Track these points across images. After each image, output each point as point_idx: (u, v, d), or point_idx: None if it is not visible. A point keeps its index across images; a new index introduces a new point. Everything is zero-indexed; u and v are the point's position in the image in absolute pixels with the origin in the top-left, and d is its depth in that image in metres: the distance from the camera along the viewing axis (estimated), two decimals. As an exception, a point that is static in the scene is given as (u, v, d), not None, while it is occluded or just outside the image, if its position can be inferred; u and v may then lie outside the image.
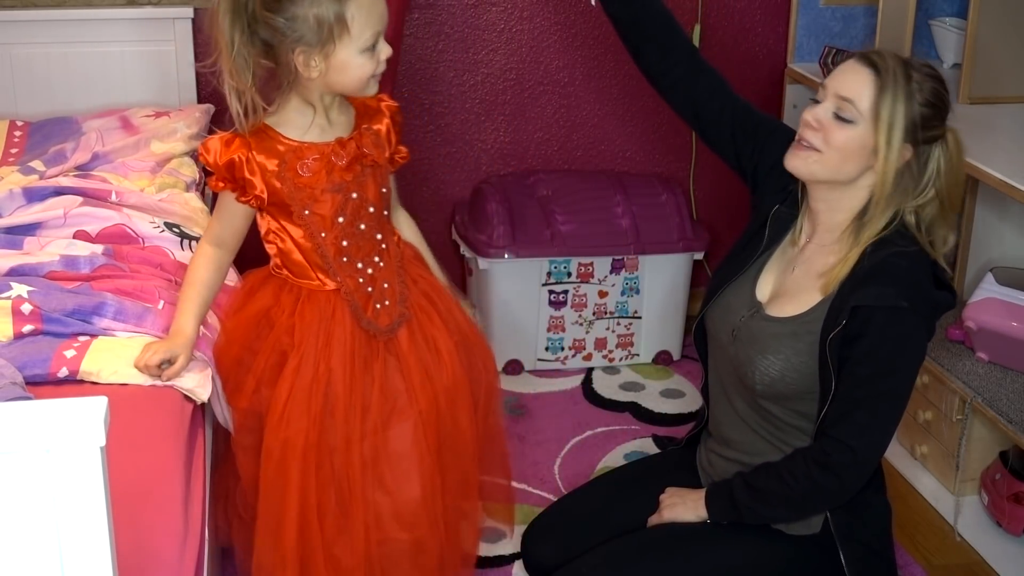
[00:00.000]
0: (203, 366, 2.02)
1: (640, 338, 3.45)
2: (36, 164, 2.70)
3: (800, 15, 3.45)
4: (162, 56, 3.17)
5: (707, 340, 2.23)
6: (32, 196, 2.50)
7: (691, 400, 3.27)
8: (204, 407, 2.07)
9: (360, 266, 2.05)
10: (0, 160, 2.83)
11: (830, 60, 3.08)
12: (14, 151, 2.89)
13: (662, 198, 3.38)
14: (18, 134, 2.99)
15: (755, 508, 2.05)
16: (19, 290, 2.10)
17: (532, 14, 3.44)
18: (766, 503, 2.04)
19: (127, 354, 1.99)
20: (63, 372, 1.95)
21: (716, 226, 3.60)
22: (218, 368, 2.05)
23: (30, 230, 2.42)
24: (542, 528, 2.29)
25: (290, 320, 2.03)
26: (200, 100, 3.19)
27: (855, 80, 1.98)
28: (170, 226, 2.49)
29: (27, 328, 2.03)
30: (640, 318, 3.42)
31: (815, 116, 2.01)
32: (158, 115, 3.03)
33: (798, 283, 2.08)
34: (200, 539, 1.78)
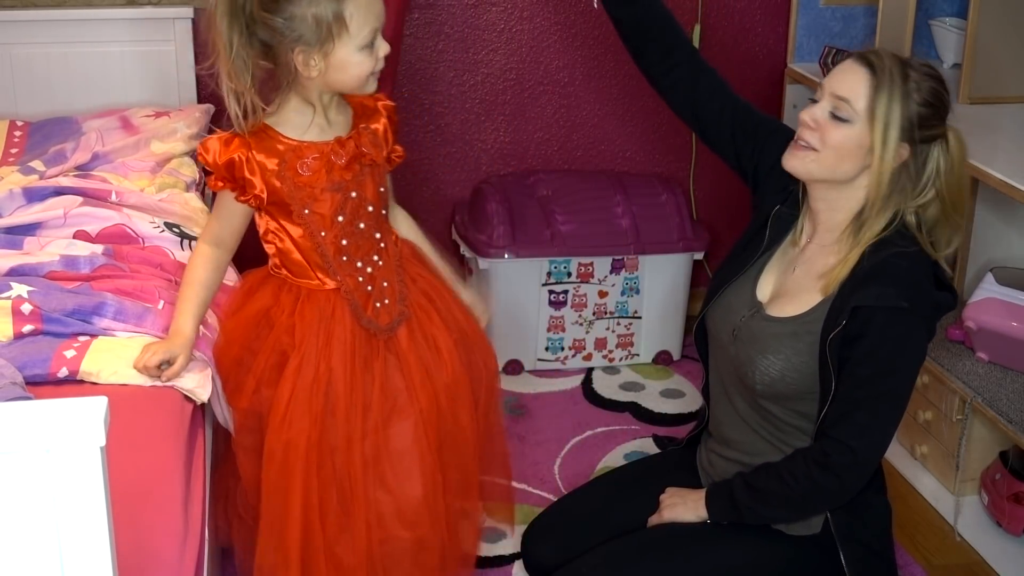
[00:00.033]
0: (203, 366, 2.02)
1: (640, 338, 3.44)
2: (36, 164, 2.70)
3: (800, 15, 3.45)
4: (162, 56, 3.17)
5: (708, 340, 2.23)
6: (32, 196, 2.50)
7: (691, 400, 3.27)
8: (204, 407, 2.07)
9: (360, 265, 2.05)
10: (0, 160, 2.83)
11: (830, 60, 3.08)
12: (14, 151, 2.89)
13: (662, 198, 3.38)
14: (18, 134, 2.99)
15: (755, 508, 2.05)
16: (19, 290, 2.10)
17: (532, 14, 3.44)
18: (766, 503, 2.04)
19: (127, 354, 1.99)
20: (63, 372, 1.95)
21: (716, 226, 3.60)
22: (218, 368, 2.05)
23: (30, 230, 2.42)
24: (542, 528, 2.29)
25: (290, 320, 2.03)
26: (200, 100, 3.19)
27: (851, 79, 1.98)
28: (170, 226, 2.49)
29: (27, 328, 2.03)
30: (640, 318, 3.42)
31: (812, 116, 2.01)
32: (158, 115, 3.03)
33: (799, 283, 2.08)
34: (200, 539, 1.77)
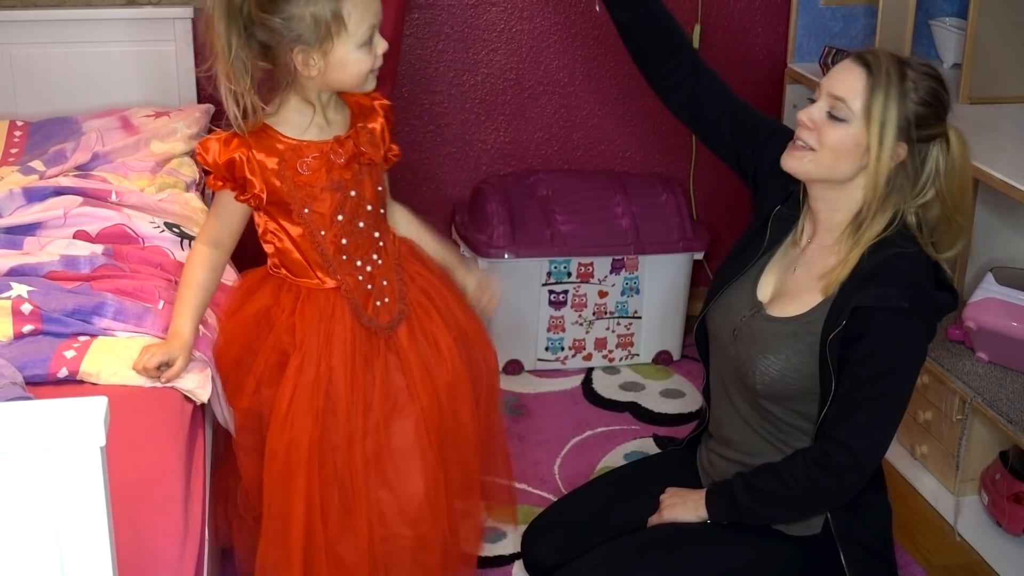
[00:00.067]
0: (203, 366, 2.02)
1: (640, 338, 3.44)
2: (36, 164, 2.70)
3: (800, 15, 3.45)
4: (162, 56, 3.17)
5: (708, 340, 2.23)
6: (32, 196, 2.50)
7: (691, 400, 3.27)
8: (204, 407, 2.07)
9: (359, 264, 2.05)
10: (0, 160, 2.83)
11: (830, 60, 3.08)
12: (14, 151, 2.89)
13: (662, 198, 3.37)
14: (18, 134, 2.99)
15: (755, 508, 2.05)
16: (19, 290, 2.10)
17: (532, 14, 3.44)
18: (766, 504, 2.04)
19: (127, 355, 1.99)
20: (63, 372, 1.95)
21: (716, 226, 3.60)
22: (218, 368, 2.05)
23: (30, 230, 2.42)
24: (542, 528, 2.29)
25: (290, 319, 2.03)
26: (200, 100, 3.19)
27: (848, 79, 1.98)
28: (170, 226, 2.49)
29: (27, 328, 2.03)
30: (640, 318, 3.42)
31: (809, 115, 2.02)
32: (158, 115, 3.03)
33: (799, 283, 2.08)
34: (200, 539, 1.77)
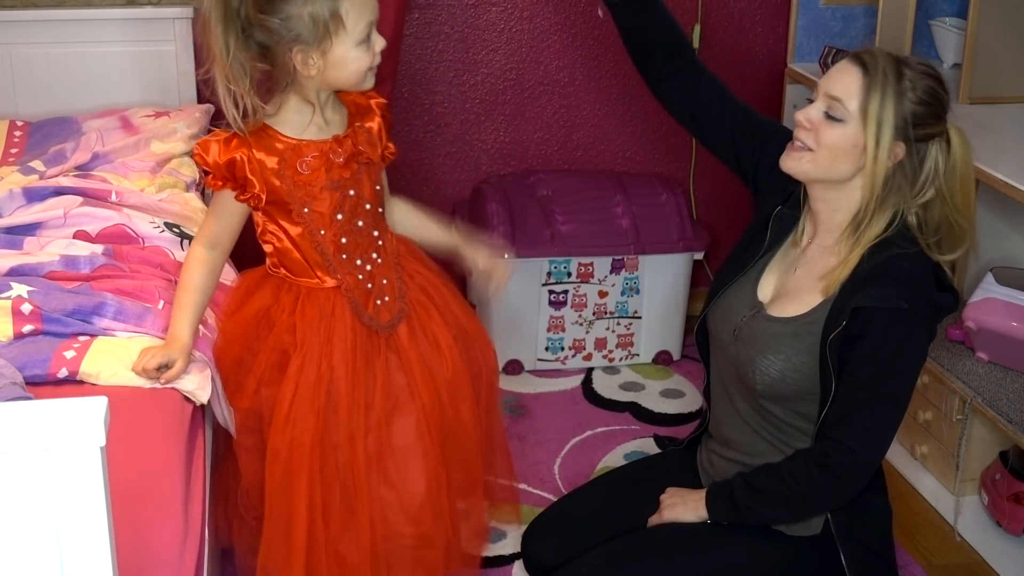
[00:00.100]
0: (202, 367, 2.02)
1: (640, 338, 3.44)
2: (36, 164, 2.70)
3: (800, 15, 3.45)
4: (162, 56, 3.17)
5: (709, 340, 2.23)
6: (32, 196, 2.50)
7: (691, 400, 3.27)
8: (204, 407, 2.06)
9: (359, 263, 2.05)
10: (0, 160, 2.83)
11: (830, 60, 3.08)
12: (14, 151, 2.89)
13: (662, 198, 3.37)
14: (18, 134, 2.99)
15: (755, 509, 2.05)
16: (19, 290, 2.10)
17: (532, 14, 3.44)
18: (766, 504, 2.04)
19: (126, 356, 1.99)
20: (63, 373, 1.95)
21: (716, 226, 3.60)
22: (218, 368, 2.05)
23: (30, 230, 2.42)
24: (542, 528, 2.29)
25: (291, 319, 2.03)
26: (200, 100, 3.19)
27: (844, 79, 1.98)
28: (170, 226, 2.49)
29: (27, 328, 2.03)
30: (640, 318, 3.42)
31: (807, 116, 2.02)
32: (158, 115, 3.03)
33: (800, 284, 2.08)
34: (200, 539, 1.77)
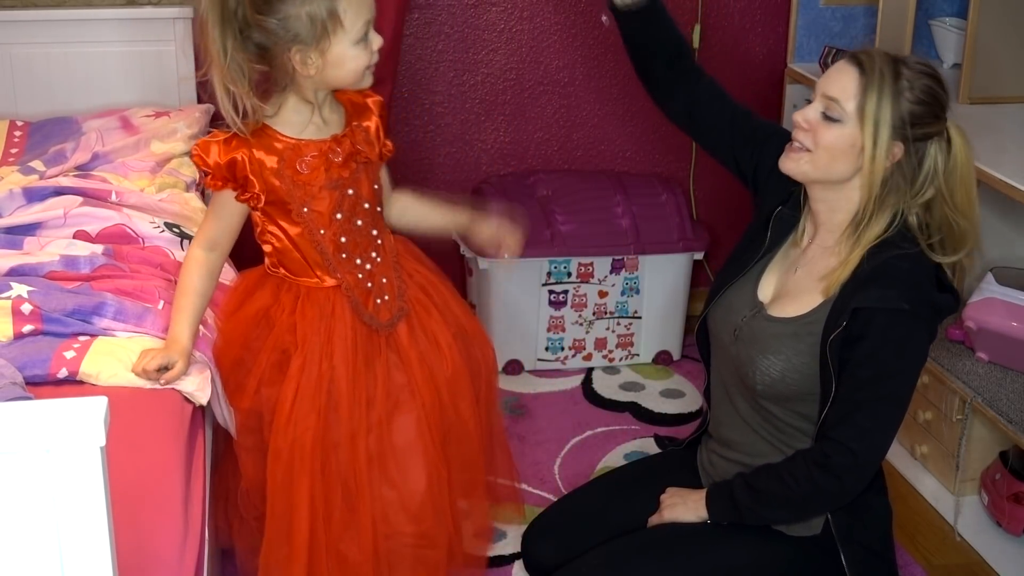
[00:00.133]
0: (202, 368, 2.01)
1: (640, 338, 3.44)
2: (36, 164, 2.70)
3: (800, 15, 3.45)
4: (162, 56, 3.17)
5: (709, 341, 2.23)
6: (32, 196, 2.50)
7: (691, 400, 3.27)
8: (204, 407, 2.07)
9: (359, 262, 2.05)
10: (0, 160, 2.83)
11: (830, 60, 3.07)
12: (14, 151, 2.89)
13: (662, 198, 3.37)
14: (18, 134, 2.99)
15: (756, 509, 2.04)
16: (19, 290, 2.09)
17: (532, 14, 3.44)
18: (767, 504, 2.04)
19: (126, 356, 1.99)
20: (63, 373, 1.95)
21: (716, 226, 3.60)
22: (218, 369, 2.05)
23: (30, 230, 2.42)
24: (542, 528, 2.29)
25: (291, 319, 2.03)
26: (200, 100, 3.19)
27: (841, 80, 1.98)
28: (170, 226, 2.49)
29: (27, 328, 2.03)
30: (640, 318, 3.42)
31: (805, 117, 2.02)
32: (158, 115, 3.03)
33: (800, 284, 2.07)
34: (200, 539, 1.77)
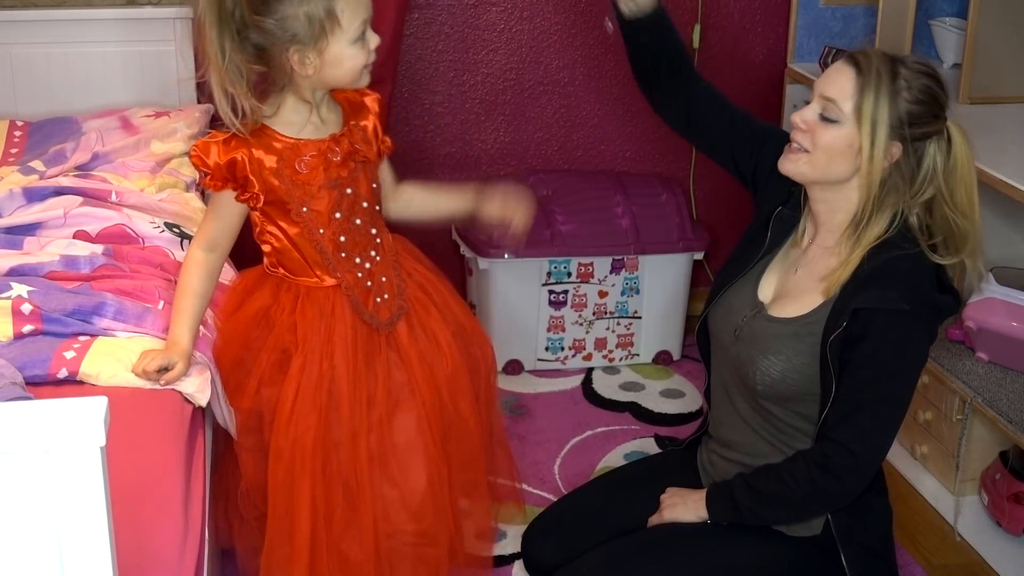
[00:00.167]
0: (203, 369, 2.01)
1: (640, 338, 3.44)
2: (36, 164, 2.70)
3: (800, 15, 3.45)
4: (162, 56, 3.17)
5: (710, 341, 2.23)
6: (32, 196, 2.50)
7: (691, 400, 3.27)
8: (204, 408, 2.07)
9: (358, 261, 2.05)
10: (0, 160, 2.83)
11: (830, 60, 3.08)
12: (14, 151, 2.89)
13: (662, 198, 3.37)
14: (18, 134, 2.99)
15: (756, 509, 2.04)
16: (19, 290, 2.09)
17: (532, 14, 3.44)
18: (767, 505, 2.04)
19: (126, 356, 1.99)
20: (63, 373, 1.95)
21: (716, 226, 3.60)
22: (218, 369, 2.05)
23: (30, 230, 2.42)
24: (542, 528, 2.29)
25: (291, 318, 2.03)
26: (200, 100, 3.19)
27: (838, 80, 1.98)
28: (170, 226, 2.49)
29: (27, 328, 2.03)
30: (640, 318, 3.42)
31: (802, 118, 2.02)
32: (158, 115, 3.03)
33: (800, 284, 2.08)
34: (200, 539, 1.77)
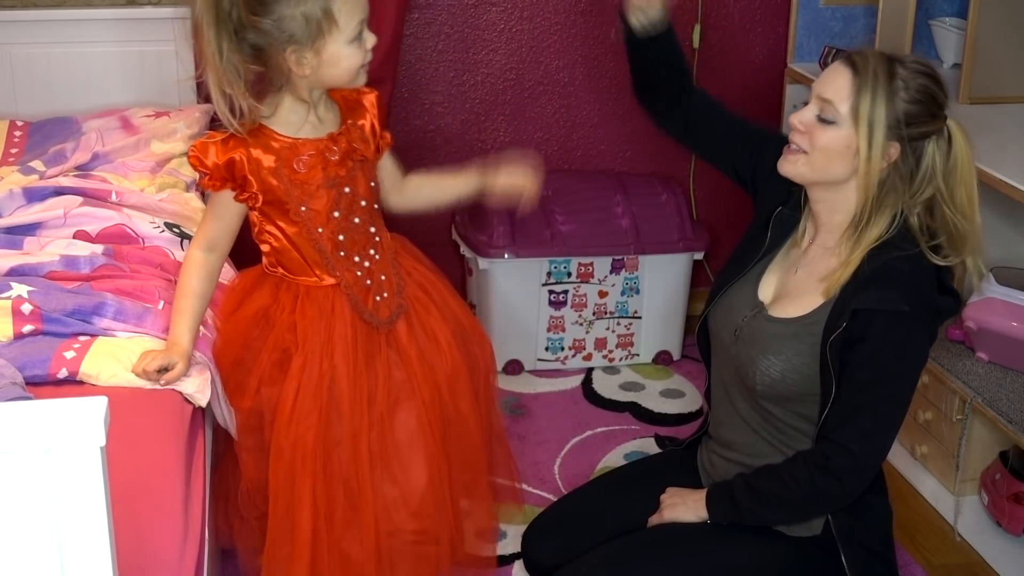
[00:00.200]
0: (203, 369, 2.01)
1: (640, 338, 3.44)
2: (36, 164, 2.70)
3: (800, 15, 3.45)
4: (162, 56, 3.17)
5: (710, 341, 2.23)
6: (32, 196, 2.50)
7: (691, 400, 3.27)
8: (204, 408, 2.06)
9: (357, 260, 2.05)
10: (0, 160, 2.83)
11: (830, 60, 3.08)
12: (14, 151, 2.89)
13: (662, 198, 3.37)
14: (18, 134, 2.99)
15: (756, 510, 2.04)
16: (19, 290, 2.10)
17: (532, 14, 3.44)
18: (767, 505, 2.04)
19: (126, 357, 1.99)
20: (63, 373, 1.95)
21: (716, 226, 3.60)
22: (218, 369, 2.05)
23: (30, 230, 2.42)
24: (542, 528, 2.29)
25: (291, 318, 2.03)
26: (200, 100, 3.18)
27: (835, 81, 1.98)
28: (170, 226, 2.49)
29: (27, 328, 2.03)
30: (640, 318, 3.42)
31: (800, 119, 2.02)
32: (158, 115, 3.03)
33: (800, 285, 2.08)
34: (200, 539, 1.77)
